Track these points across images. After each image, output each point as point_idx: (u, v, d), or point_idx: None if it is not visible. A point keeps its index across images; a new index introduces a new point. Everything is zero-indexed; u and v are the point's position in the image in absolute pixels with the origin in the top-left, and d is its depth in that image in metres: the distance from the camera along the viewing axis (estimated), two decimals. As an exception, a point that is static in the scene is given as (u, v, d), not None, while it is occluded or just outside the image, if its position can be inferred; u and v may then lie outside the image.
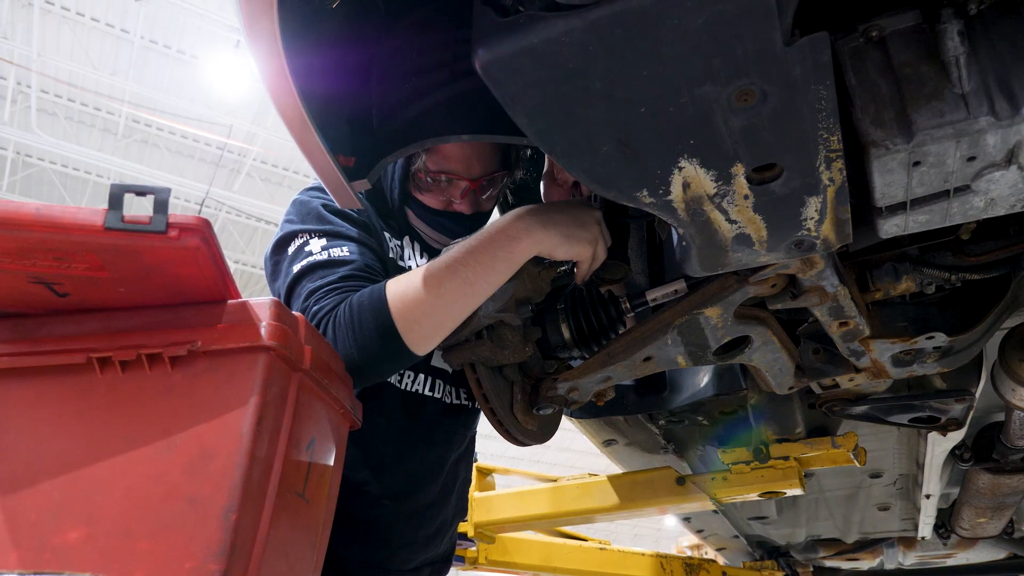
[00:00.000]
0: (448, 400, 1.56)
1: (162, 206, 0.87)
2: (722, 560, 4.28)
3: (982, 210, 0.96)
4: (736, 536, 3.66)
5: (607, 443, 2.44)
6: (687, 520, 3.47)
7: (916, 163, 0.89)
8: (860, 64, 0.89)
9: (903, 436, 2.49)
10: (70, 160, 11.28)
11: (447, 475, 1.61)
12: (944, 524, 3.38)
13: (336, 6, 1.06)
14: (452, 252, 1.24)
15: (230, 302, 1.01)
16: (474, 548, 3.49)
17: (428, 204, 1.52)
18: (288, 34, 0.89)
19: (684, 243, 1.05)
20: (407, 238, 1.56)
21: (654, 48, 0.75)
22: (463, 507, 1.74)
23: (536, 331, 1.39)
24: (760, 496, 2.51)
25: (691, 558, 4.22)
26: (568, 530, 4.12)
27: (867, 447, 2.41)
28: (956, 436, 2.20)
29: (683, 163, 0.88)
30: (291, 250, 1.38)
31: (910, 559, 4.06)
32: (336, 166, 1.11)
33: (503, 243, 1.22)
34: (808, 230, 0.97)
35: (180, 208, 11.48)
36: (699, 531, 3.66)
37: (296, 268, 1.34)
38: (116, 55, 10.03)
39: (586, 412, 2.16)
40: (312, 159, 1.09)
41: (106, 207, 0.86)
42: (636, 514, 3.00)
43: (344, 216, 1.44)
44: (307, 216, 1.43)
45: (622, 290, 1.51)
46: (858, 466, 2.33)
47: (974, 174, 0.90)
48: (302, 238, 1.39)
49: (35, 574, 0.88)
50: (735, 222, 0.96)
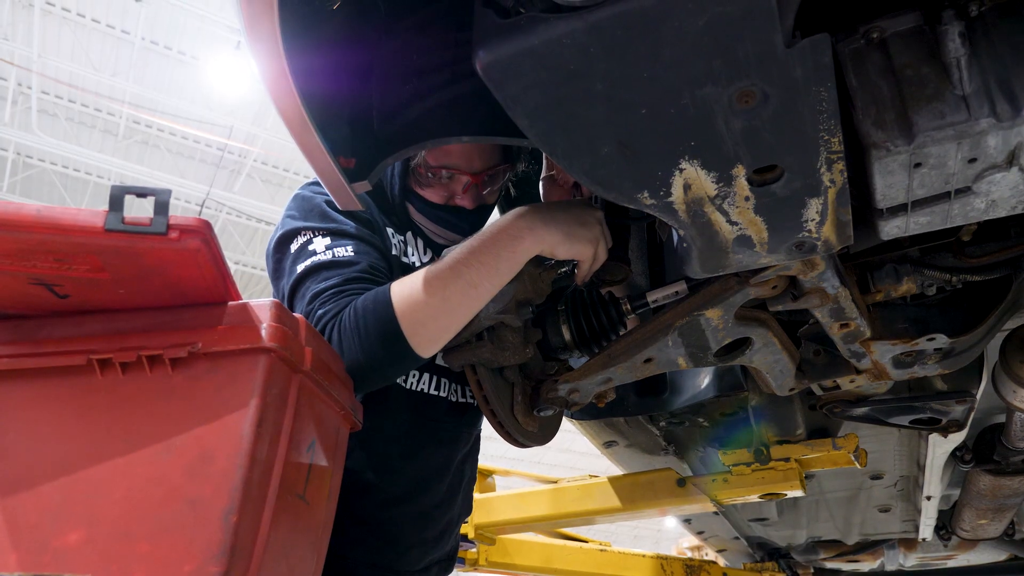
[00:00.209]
0: (454, 399, 1.56)
1: (163, 207, 0.87)
2: (722, 561, 4.28)
3: (983, 212, 0.96)
4: (737, 537, 3.66)
5: (608, 444, 2.44)
6: (687, 521, 3.46)
7: (917, 165, 0.89)
8: (861, 66, 0.89)
9: (904, 438, 2.48)
10: (71, 161, 11.28)
11: (454, 474, 1.61)
12: (945, 526, 3.38)
13: (337, 7, 1.06)
14: (454, 254, 1.24)
15: (231, 304, 1.01)
16: (474, 549, 3.49)
17: (429, 199, 1.50)
18: (289, 35, 0.89)
19: (685, 244, 1.05)
20: (409, 233, 1.55)
21: (655, 50, 0.75)
22: (468, 505, 1.74)
23: (537, 332, 1.39)
24: (761, 498, 2.52)
25: (692, 559, 4.22)
26: (569, 531, 4.12)
27: (868, 449, 2.41)
28: (957, 438, 2.20)
29: (684, 165, 0.88)
30: (294, 248, 1.38)
31: (911, 560, 4.05)
32: (336, 167, 1.11)
33: (505, 242, 1.22)
34: (809, 232, 0.97)
35: (181, 209, 11.49)
36: (700, 532, 3.66)
37: (300, 268, 1.33)
38: (117, 56, 10.04)
39: (587, 413, 2.15)
40: (312, 160, 1.09)
41: (107, 208, 0.86)
42: (637, 516, 3.00)
43: (347, 213, 1.42)
44: (310, 213, 1.42)
45: (624, 291, 1.51)
46: (859, 467, 2.33)
47: (975, 176, 0.90)
48: (305, 236, 1.38)
49: (35, 576, 0.88)
50: (736, 224, 0.96)
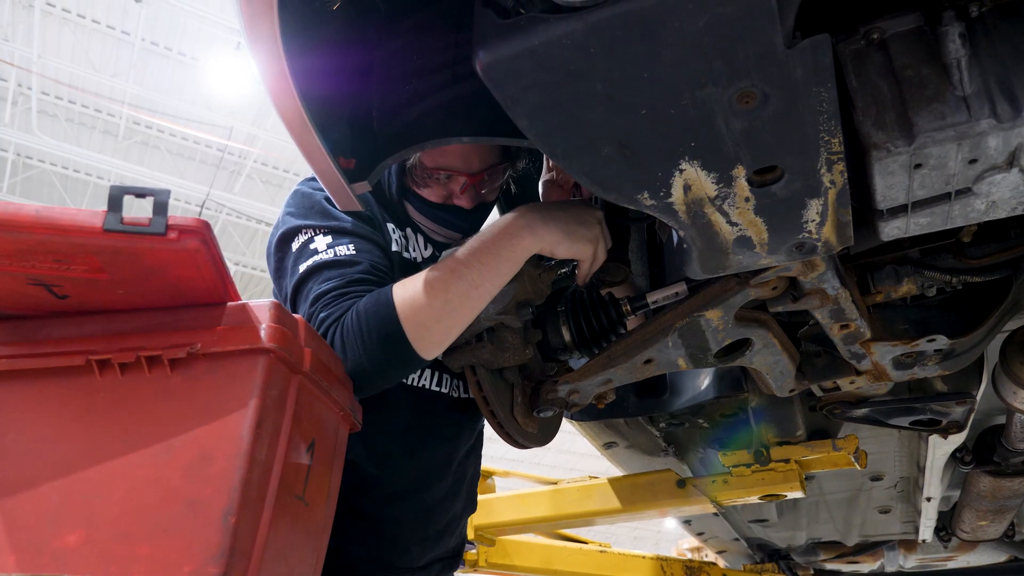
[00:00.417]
0: (455, 395, 1.55)
1: (161, 208, 0.87)
2: (722, 563, 4.27)
3: (983, 213, 0.96)
4: (736, 539, 3.66)
5: (607, 446, 2.44)
6: (687, 523, 3.46)
7: (917, 165, 0.89)
8: (861, 66, 0.89)
9: (904, 439, 2.48)
10: (71, 162, 11.28)
11: (456, 470, 1.60)
12: (945, 527, 3.37)
13: (337, 8, 1.06)
14: (454, 255, 1.23)
15: (230, 304, 1.01)
16: (474, 550, 3.49)
17: (427, 198, 1.50)
18: (288, 36, 0.89)
19: (685, 245, 1.05)
20: (409, 229, 1.54)
21: (655, 50, 0.75)
22: (473, 501, 1.73)
23: (536, 333, 1.38)
24: (760, 499, 2.51)
25: (691, 561, 4.22)
26: (568, 533, 4.12)
27: (868, 450, 2.41)
28: (957, 439, 2.20)
29: (684, 165, 0.87)
30: (295, 247, 1.37)
31: (911, 562, 4.05)
32: (336, 168, 1.11)
33: (505, 241, 1.22)
34: (809, 232, 0.96)
35: (180, 210, 11.49)
36: (699, 534, 3.65)
37: (302, 268, 1.33)
38: (117, 57, 10.04)
39: (586, 414, 2.15)
40: (312, 161, 1.09)
41: (105, 209, 0.86)
42: (636, 517, 3.00)
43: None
44: (310, 210, 1.41)
45: (629, 290, 1.51)
46: (859, 469, 2.33)
47: (975, 176, 0.90)
48: (306, 234, 1.37)
49: (34, 577, 0.88)
50: (736, 224, 0.96)
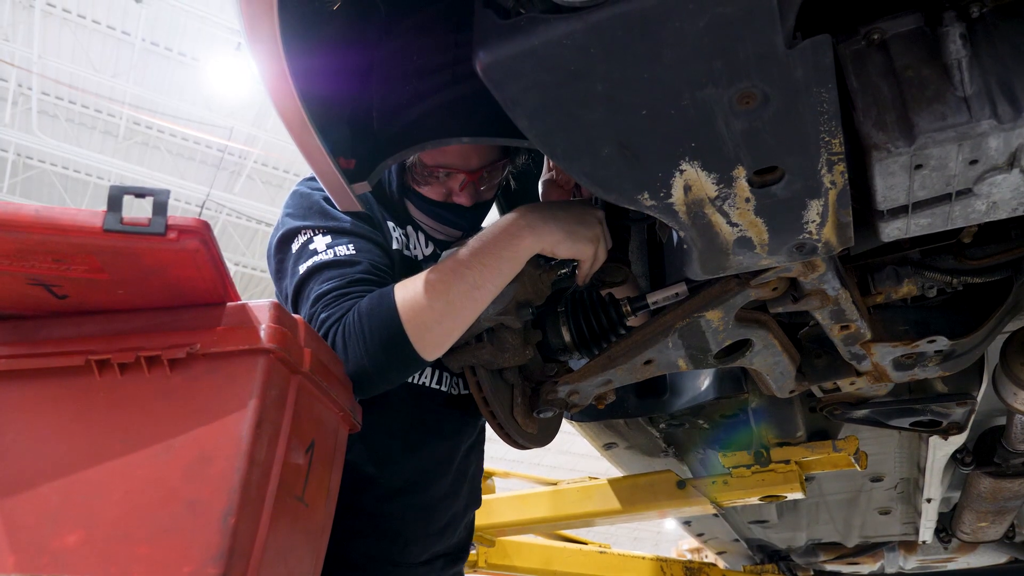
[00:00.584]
0: (455, 391, 1.55)
1: (161, 208, 0.87)
2: (722, 564, 4.27)
3: (984, 214, 0.96)
4: (736, 540, 3.65)
5: (607, 446, 2.44)
6: (687, 523, 3.46)
7: (918, 166, 0.89)
8: (862, 67, 0.88)
9: (904, 440, 2.48)
10: (71, 162, 11.28)
11: (458, 467, 1.59)
12: (945, 528, 3.37)
13: (336, 8, 1.06)
14: (456, 255, 1.23)
15: (229, 304, 1.00)
16: (474, 551, 3.48)
17: (427, 196, 1.49)
18: (288, 36, 0.89)
19: (685, 246, 1.05)
20: (410, 227, 1.54)
21: (655, 50, 0.75)
22: (476, 497, 1.72)
23: (536, 334, 1.38)
24: (761, 500, 2.51)
25: (691, 562, 4.21)
26: (568, 533, 4.11)
27: (868, 451, 2.41)
28: (957, 440, 2.20)
29: (684, 166, 0.87)
30: (295, 248, 1.37)
31: (911, 563, 4.05)
32: (336, 168, 1.11)
33: (506, 241, 1.22)
34: (809, 233, 0.96)
35: (180, 210, 11.49)
36: (699, 535, 3.65)
37: (302, 269, 1.33)
38: (117, 57, 10.04)
39: (586, 415, 2.15)
40: (312, 161, 1.09)
41: (105, 209, 0.86)
42: (636, 518, 3.00)
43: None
44: (309, 211, 1.41)
45: (629, 291, 1.51)
46: (859, 470, 2.33)
47: (976, 177, 0.90)
48: (305, 235, 1.37)
49: (33, 578, 0.88)
50: (736, 225, 0.96)
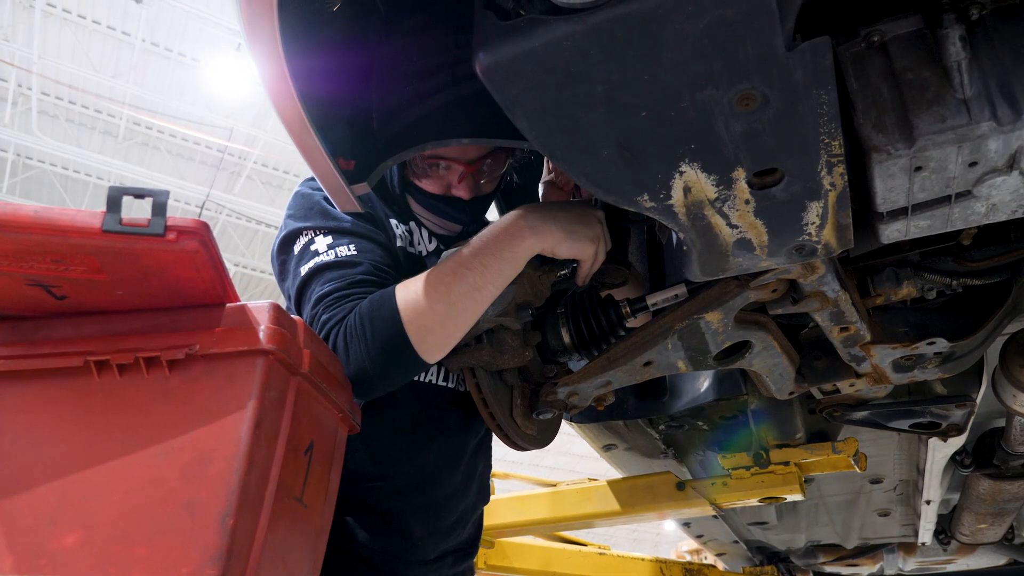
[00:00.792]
0: (461, 388, 1.54)
1: (160, 209, 0.87)
2: (721, 565, 4.27)
3: (983, 215, 0.96)
4: (736, 541, 3.65)
5: (607, 448, 2.44)
6: (687, 525, 3.46)
7: (918, 168, 0.89)
8: (862, 69, 0.88)
9: (904, 442, 2.48)
10: (70, 162, 11.28)
11: (467, 464, 1.58)
12: (944, 530, 3.37)
13: (336, 9, 1.06)
14: (457, 256, 1.23)
15: (228, 305, 1.00)
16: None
17: (427, 189, 1.49)
18: (288, 37, 0.89)
19: (685, 247, 1.05)
20: (413, 223, 1.54)
21: (655, 52, 0.75)
22: (485, 493, 1.71)
23: (536, 335, 1.38)
24: (760, 502, 2.51)
25: (691, 563, 4.21)
26: (567, 535, 4.11)
27: (867, 453, 2.41)
28: (957, 442, 2.19)
29: (684, 167, 0.87)
30: (297, 249, 1.37)
31: (910, 565, 4.05)
32: (336, 169, 1.11)
33: (507, 242, 1.22)
34: (809, 235, 0.96)
35: (180, 211, 11.49)
36: (699, 536, 3.65)
37: (304, 270, 1.33)
38: (117, 58, 10.04)
39: (586, 416, 2.15)
40: (312, 162, 1.09)
41: (104, 210, 0.86)
42: (636, 519, 3.00)
43: None
44: (310, 212, 1.41)
45: (629, 292, 1.50)
46: (858, 472, 2.33)
47: (976, 179, 0.90)
48: (307, 236, 1.37)
49: (31, 579, 0.88)
50: (736, 227, 0.96)
